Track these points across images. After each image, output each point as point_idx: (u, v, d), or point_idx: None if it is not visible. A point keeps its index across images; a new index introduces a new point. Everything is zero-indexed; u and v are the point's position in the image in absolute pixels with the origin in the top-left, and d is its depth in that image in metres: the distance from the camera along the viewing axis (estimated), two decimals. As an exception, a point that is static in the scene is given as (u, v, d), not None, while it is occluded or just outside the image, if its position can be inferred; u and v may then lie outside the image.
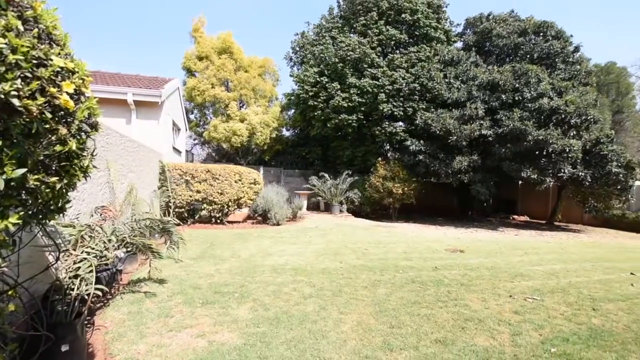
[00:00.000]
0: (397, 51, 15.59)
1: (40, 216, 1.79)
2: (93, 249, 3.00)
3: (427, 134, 13.48)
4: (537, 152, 11.57)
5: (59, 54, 1.66)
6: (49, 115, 1.51)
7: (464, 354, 2.63)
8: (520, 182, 13.46)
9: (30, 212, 1.64)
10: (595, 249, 8.22)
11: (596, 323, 3.32)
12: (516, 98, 12.44)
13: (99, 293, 2.74)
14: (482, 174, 12.79)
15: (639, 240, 10.62)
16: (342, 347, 2.68)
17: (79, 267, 2.71)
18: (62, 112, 1.63)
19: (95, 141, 2.40)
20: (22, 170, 1.36)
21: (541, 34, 14.40)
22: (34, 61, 1.46)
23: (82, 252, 2.87)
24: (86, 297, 2.51)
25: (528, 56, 14.17)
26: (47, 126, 1.53)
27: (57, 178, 1.69)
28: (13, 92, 1.31)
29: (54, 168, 1.69)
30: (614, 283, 4.83)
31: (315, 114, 15.00)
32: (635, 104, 27.54)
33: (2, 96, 1.28)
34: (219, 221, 9.39)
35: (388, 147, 15.38)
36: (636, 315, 3.57)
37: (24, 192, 1.53)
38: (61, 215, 1.94)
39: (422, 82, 13.95)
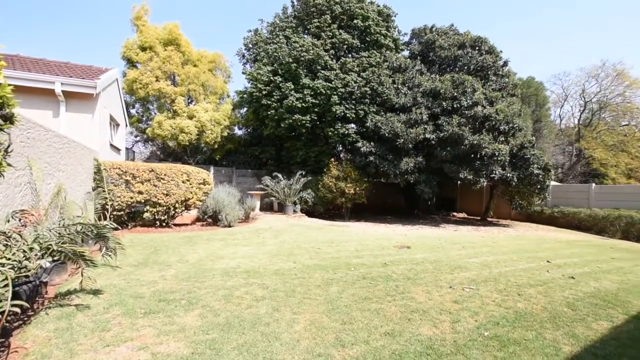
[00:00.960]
0: (350, 55, 16.03)
1: (-62, 223, 1.51)
2: (9, 259, 2.61)
3: (377, 136, 14.11)
4: (472, 155, 12.76)
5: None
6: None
7: (410, 344, 2.80)
8: (459, 182, 14.70)
9: None
10: (520, 242, 9.30)
11: (520, 307, 3.76)
12: (455, 105, 13.55)
13: (17, 310, 2.39)
14: (426, 174, 13.72)
15: (554, 232, 12.28)
16: (295, 348, 2.68)
17: (-9, 281, 2.34)
18: (-33, 101, 1.40)
19: (10, 135, 2.10)
20: None
21: (477, 48, 15.88)
22: None
23: (-6, 264, 2.48)
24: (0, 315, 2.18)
25: (466, 67, 15.55)
26: (-53, 116, 1.30)
27: (-39, 178, 1.44)
28: None
29: (-44, 166, 1.45)
30: (534, 270, 5.52)
31: (269, 113, 14.79)
32: (550, 114, 31.82)
33: None
34: (164, 224, 8.79)
35: (341, 148, 15.75)
36: (550, 297, 4.12)
37: None
38: (-34, 221, 1.66)
39: (372, 86, 14.52)
